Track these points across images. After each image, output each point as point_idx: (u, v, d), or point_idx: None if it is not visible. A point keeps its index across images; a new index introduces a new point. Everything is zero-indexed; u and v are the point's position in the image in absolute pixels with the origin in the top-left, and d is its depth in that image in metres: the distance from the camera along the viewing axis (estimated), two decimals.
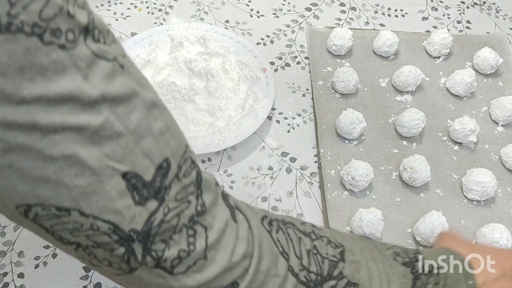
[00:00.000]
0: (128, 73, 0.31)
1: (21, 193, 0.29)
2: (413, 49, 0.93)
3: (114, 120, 0.30)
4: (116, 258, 0.33)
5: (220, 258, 0.35)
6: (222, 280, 0.36)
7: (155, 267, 0.34)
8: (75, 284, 0.65)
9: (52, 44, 0.27)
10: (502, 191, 0.78)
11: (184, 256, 0.34)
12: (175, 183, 0.33)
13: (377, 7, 1.01)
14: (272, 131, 0.82)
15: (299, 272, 0.40)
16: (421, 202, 0.75)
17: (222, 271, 0.35)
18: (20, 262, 0.66)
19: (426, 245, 0.70)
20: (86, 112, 0.28)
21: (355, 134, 0.78)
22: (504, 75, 0.92)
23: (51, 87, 0.27)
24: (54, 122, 0.28)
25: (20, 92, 0.26)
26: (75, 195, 0.30)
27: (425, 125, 0.80)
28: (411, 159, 0.75)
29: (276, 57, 0.91)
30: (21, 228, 0.68)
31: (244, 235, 0.37)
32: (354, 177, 0.73)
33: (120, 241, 0.32)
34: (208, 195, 0.36)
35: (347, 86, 0.83)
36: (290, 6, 0.99)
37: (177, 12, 0.96)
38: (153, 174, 0.32)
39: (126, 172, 0.31)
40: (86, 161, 0.29)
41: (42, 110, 0.27)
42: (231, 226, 0.37)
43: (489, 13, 1.03)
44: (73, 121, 0.28)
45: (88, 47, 0.29)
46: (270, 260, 0.38)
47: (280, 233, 0.40)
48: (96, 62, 0.29)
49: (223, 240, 0.36)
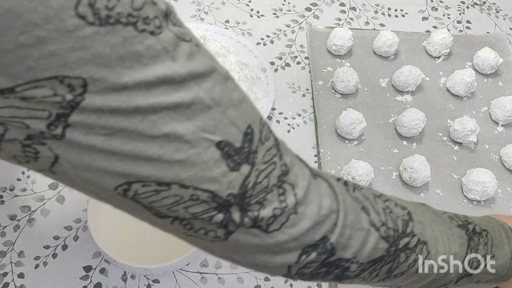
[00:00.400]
0: (203, 51, 0.33)
1: (122, 174, 0.31)
2: (413, 49, 0.93)
3: (203, 94, 0.32)
4: (214, 225, 0.35)
5: (309, 212, 0.37)
6: (314, 234, 0.38)
7: (252, 227, 0.36)
8: (75, 284, 0.65)
9: (144, 32, 0.29)
10: (502, 191, 0.78)
11: (278, 213, 0.36)
12: (260, 147, 0.35)
13: (377, 7, 1.01)
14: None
15: (380, 227, 0.42)
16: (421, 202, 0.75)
17: (313, 225, 0.37)
18: (20, 262, 0.66)
19: None
20: (178, 91, 0.31)
21: (355, 134, 0.78)
22: (504, 75, 0.92)
23: (148, 72, 0.29)
24: (153, 103, 0.30)
25: (121, 80, 0.29)
26: (176, 170, 0.32)
27: (425, 125, 0.80)
28: (411, 159, 0.75)
29: (276, 57, 0.91)
30: (21, 228, 0.68)
31: (326, 191, 0.39)
32: (354, 177, 0.73)
33: (219, 207, 0.34)
34: (287, 156, 0.38)
35: (347, 86, 0.83)
36: (290, 6, 0.99)
37: (177, 12, 0.95)
38: (242, 141, 0.34)
39: (220, 142, 0.33)
40: (184, 136, 0.31)
41: (141, 94, 0.29)
42: (313, 183, 0.39)
43: (489, 13, 1.03)
44: (169, 100, 0.30)
45: (171, 31, 0.31)
46: (354, 215, 0.40)
47: (356, 191, 0.42)
48: (179, 44, 0.31)
49: (309, 195, 0.38)
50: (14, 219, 0.69)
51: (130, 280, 0.66)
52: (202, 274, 0.68)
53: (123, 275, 0.66)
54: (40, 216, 0.70)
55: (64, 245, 0.68)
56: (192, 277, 0.67)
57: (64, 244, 0.68)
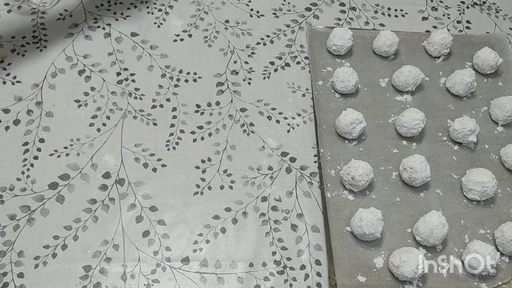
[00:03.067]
0: None
1: None
2: (413, 49, 0.93)
3: None
4: None
5: None
6: None
7: None
8: (75, 284, 0.65)
9: None
10: (502, 191, 0.78)
11: None
12: None
13: (377, 7, 1.01)
14: (272, 131, 0.82)
15: None
16: (421, 202, 0.75)
17: None
18: (20, 262, 0.66)
19: (426, 245, 0.71)
20: None
21: (355, 134, 0.78)
22: (504, 75, 0.92)
23: None
24: None
25: None
26: None
27: (425, 125, 0.80)
28: (411, 159, 0.75)
29: (276, 57, 0.91)
30: (20, 228, 0.68)
31: None
32: (354, 177, 0.73)
33: None
34: None
35: (347, 86, 0.83)
36: (290, 6, 0.99)
37: (177, 12, 0.96)
38: None
39: None
40: None
41: None
42: None
43: (489, 13, 1.03)
44: None
45: None
46: None
47: None
48: None
49: None
50: (13, 219, 0.69)
51: (130, 280, 0.66)
52: (202, 274, 0.68)
53: (123, 275, 0.66)
54: (39, 216, 0.70)
55: (63, 245, 0.68)
56: (192, 277, 0.67)
57: (64, 244, 0.68)
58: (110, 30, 0.91)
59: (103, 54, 0.87)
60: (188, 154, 0.78)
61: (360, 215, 0.69)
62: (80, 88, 0.83)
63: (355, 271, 0.68)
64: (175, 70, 0.87)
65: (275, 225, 0.73)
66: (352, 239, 0.71)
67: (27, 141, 0.76)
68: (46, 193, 0.72)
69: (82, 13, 0.92)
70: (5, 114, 0.79)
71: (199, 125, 0.81)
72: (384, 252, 0.70)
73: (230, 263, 0.69)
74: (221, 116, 0.82)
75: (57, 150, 0.76)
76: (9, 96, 0.80)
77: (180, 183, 0.75)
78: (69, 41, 0.88)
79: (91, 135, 0.78)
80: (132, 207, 0.72)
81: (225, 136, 0.80)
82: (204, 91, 0.85)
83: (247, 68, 0.89)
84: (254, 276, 0.68)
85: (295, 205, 0.74)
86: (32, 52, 0.86)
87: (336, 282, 0.67)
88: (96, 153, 0.76)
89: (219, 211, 0.73)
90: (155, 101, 0.83)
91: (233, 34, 0.93)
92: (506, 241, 0.70)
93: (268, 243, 0.71)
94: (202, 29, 0.93)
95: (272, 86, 0.87)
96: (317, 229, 0.73)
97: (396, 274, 0.67)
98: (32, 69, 0.84)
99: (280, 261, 0.70)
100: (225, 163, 0.77)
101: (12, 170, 0.73)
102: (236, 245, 0.70)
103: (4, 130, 0.77)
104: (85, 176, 0.74)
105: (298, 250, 0.71)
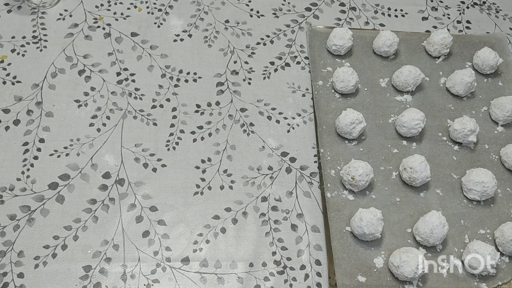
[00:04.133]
0: None
1: None
2: (413, 49, 0.93)
3: None
4: None
5: None
6: None
7: None
8: (75, 284, 0.65)
9: None
10: (502, 191, 0.78)
11: None
12: None
13: (377, 7, 1.01)
14: (272, 131, 0.82)
15: None
16: (421, 202, 0.75)
17: None
18: (20, 262, 0.66)
19: (426, 245, 0.71)
20: None
21: (355, 134, 0.78)
22: (504, 75, 0.92)
23: None
24: None
25: None
26: None
27: (425, 125, 0.80)
28: (411, 159, 0.75)
29: (276, 57, 0.91)
30: (20, 228, 0.68)
31: None
32: (354, 177, 0.73)
33: None
34: None
35: (347, 86, 0.83)
36: (290, 6, 0.99)
37: (177, 12, 0.96)
38: None
39: None
40: None
41: None
42: None
43: (489, 13, 1.03)
44: None
45: None
46: None
47: None
48: None
49: None
50: (13, 219, 0.69)
51: (130, 280, 0.66)
52: (202, 274, 0.68)
53: (123, 275, 0.66)
54: (39, 216, 0.70)
55: (63, 245, 0.68)
56: (192, 277, 0.67)
57: (64, 244, 0.68)
58: (110, 30, 0.91)
59: (103, 54, 0.87)
60: (188, 154, 0.78)
61: (360, 215, 0.69)
62: (80, 88, 0.83)
63: (355, 271, 0.68)
64: (175, 70, 0.87)
65: (275, 225, 0.73)
66: (352, 239, 0.71)
67: (27, 141, 0.76)
68: (46, 193, 0.72)
69: (82, 13, 0.92)
70: (5, 114, 0.79)
71: (199, 125, 0.81)
72: (384, 252, 0.70)
73: (230, 263, 0.69)
74: (221, 116, 0.82)
75: (57, 150, 0.76)
76: (9, 96, 0.80)
77: (180, 183, 0.75)
78: (69, 41, 0.88)
79: (91, 135, 0.78)
80: (132, 207, 0.72)
81: (225, 136, 0.80)
82: (204, 91, 0.85)
83: (247, 68, 0.89)
84: (254, 276, 0.68)
85: (295, 205, 0.74)
86: (32, 52, 0.86)
87: (336, 282, 0.67)
88: (96, 153, 0.76)
89: (219, 211, 0.73)
90: (155, 101, 0.83)
91: (233, 34, 0.93)
92: (506, 241, 0.70)
93: (268, 243, 0.71)
94: (202, 29, 0.93)
95: (272, 86, 0.87)
96: (317, 229, 0.73)
97: (396, 274, 0.67)
98: (32, 69, 0.84)
99: (280, 261, 0.70)
100: (225, 163, 0.77)
101: (12, 170, 0.73)
102: (236, 245, 0.70)
103: (4, 130, 0.77)
104: (85, 176, 0.74)
105: (298, 250, 0.71)
